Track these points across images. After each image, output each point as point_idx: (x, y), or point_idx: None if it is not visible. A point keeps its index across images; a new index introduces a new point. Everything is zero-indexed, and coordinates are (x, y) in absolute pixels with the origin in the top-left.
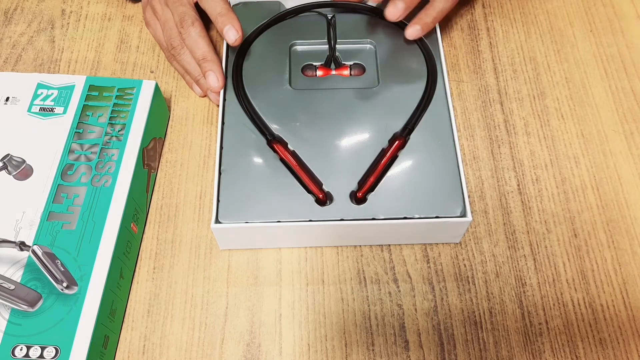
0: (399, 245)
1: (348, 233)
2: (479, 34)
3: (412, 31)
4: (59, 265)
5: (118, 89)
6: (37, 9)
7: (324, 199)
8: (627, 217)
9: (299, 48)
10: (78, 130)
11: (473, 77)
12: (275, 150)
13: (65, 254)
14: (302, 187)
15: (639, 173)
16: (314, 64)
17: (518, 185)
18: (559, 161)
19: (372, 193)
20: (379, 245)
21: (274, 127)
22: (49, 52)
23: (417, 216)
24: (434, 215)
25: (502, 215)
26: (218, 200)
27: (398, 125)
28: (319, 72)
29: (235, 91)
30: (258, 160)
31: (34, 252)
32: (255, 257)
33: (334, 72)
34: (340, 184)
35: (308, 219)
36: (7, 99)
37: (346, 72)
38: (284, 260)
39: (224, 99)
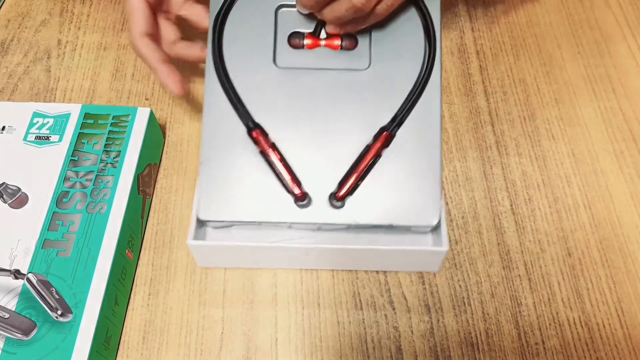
0: (391, 269)
1: (336, 257)
2: (468, 57)
3: None
4: (54, 293)
5: (113, 116)
6: (34, 39)
7: (302, 199)
8: (620, 235)
9: (286, 11)
10: (73, 158)
11: (464, 100)
12: (255, 142)
13: (60, 281)
14: (280, 187)
15: (630, 191)
16: (302, 31)
17: (511, 205)
18: (551, 181)
19: (351, 196)
20: (373, 269)
21: (255, 114)
22: (45, 82)
23: (392, 224)
24: (409, 224)
25: (496, 235)
26: (199, 202)
27: (386, 116)
28: (307, 42)
29: (215, 69)
30: (238, 151)
31: (28, 280)
32: (250, 281)
33: (323, 44)
34: (321, 183)
35: (285, 220)
36: (3, 128)
37: (337, 42)
38: (279, 283)
39: (206, 78)
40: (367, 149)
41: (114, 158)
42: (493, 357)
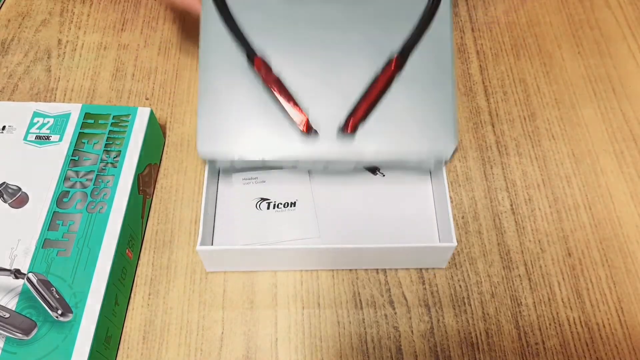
0: (394, 267)
1: (340, 257)
2: (469, 57)
3: None
4: (54, 293)
5: (113, 116)
6: (34, 39)
7: (309, 132)
8: (620, 235)
9: None
10: (74, 158)
11: (464, 100)
12: (257, 73)
13: (60, 281)
14: (285, 120)
15: (630, 191)
16: None
17: (511, 205)
18: (551, 181)
19: (361, 129)
20: (374, 267)
21: (257, 43)
22: (45, 82)
23: (404, 158)
24: (425, 152)
25: (496, 235)
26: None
27: (395, 46)
28: None
29: None
30: (239, 82)
31: (29, 279)
32: (250, 282)
33: None
34: (329, 115)
35: (292, 157)
36: (4, 127)
37: None
38: (279, 283)
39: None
40: (377, 77)
41: (114, 158)
42: (493, 357)
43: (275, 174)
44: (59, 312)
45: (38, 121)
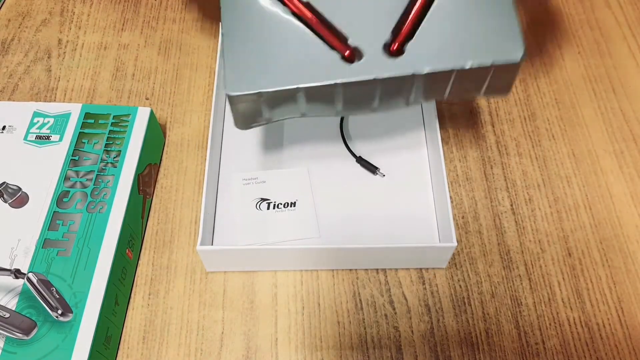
0: (394, 267)
1: (340, 257)
2: None
3: None
4: (54, 293)
5: (114, 116)
6: (34, 39)
7: (351, 56)
8: (620, 236)
9: None
10: (74, 158)
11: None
12: (284, 3)
13: (60, 281)
14: (322, 45)
15: (630, 191)
16: None
17: (511, 205)
18: (551, 181)
19: (411, 41)
20: (374, 267)
21: None
22: (46, 81)
23: (468, 65)
24: (490, 62)
25: (496, 235)
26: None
27: None
28: None
29: None
30: (266, 15)
31: (29, 279)
32: (250, 281)
33: None
34: (369, 36)
35: (335, 80)
36: (4, 127)
37: None
38: (279, 283)
39: None
40: None
41: (114, 158)
42: (493, 357)
43: (275, 174)
44: (59, 312)
45: (38, 121)
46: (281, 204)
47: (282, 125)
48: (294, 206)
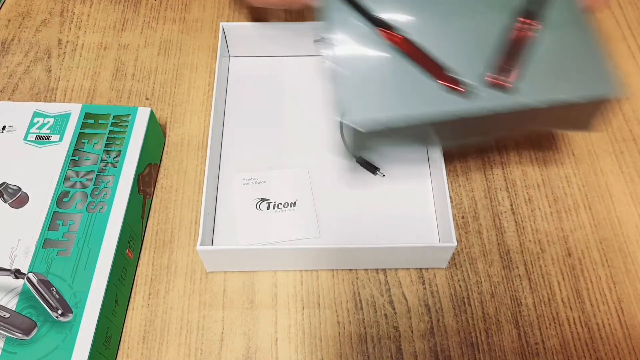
0: (394, 267)
1: (340, 257)
2: None
3: None
4: (54, 293)
5: (114, 116)
6: (34, 39)
7: (456, 84)
8: (619, 235)
9: None
10: (74, 158)
11: None
12: (388, 40)
13: (60, 281)
14: (426, 76)
15: (630, 191)
16: None
17: (511, 205)
18: (551, 181)
19: (514, 75)
20: (374, 267)
21: (380, 13)
22: (46, 81)
23: (572, 99)
24: (588, 95)
25: (496, 235)
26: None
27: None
28: None
29: None
30: (373, 53)
31: (29, 279)
32: (250, 281)
33: None
34: (469, 69)
35: (452, 111)
36: (4, 127)
37: None
38: (279, 283)
39: None
40: (517, 29)
41: (114, 158)
42: (493, 357)
43: (275, 174)
44: (59, 312)
45: (38, 121)
46: (281, 204)
47: (282, 125)
48: (294, 206)
